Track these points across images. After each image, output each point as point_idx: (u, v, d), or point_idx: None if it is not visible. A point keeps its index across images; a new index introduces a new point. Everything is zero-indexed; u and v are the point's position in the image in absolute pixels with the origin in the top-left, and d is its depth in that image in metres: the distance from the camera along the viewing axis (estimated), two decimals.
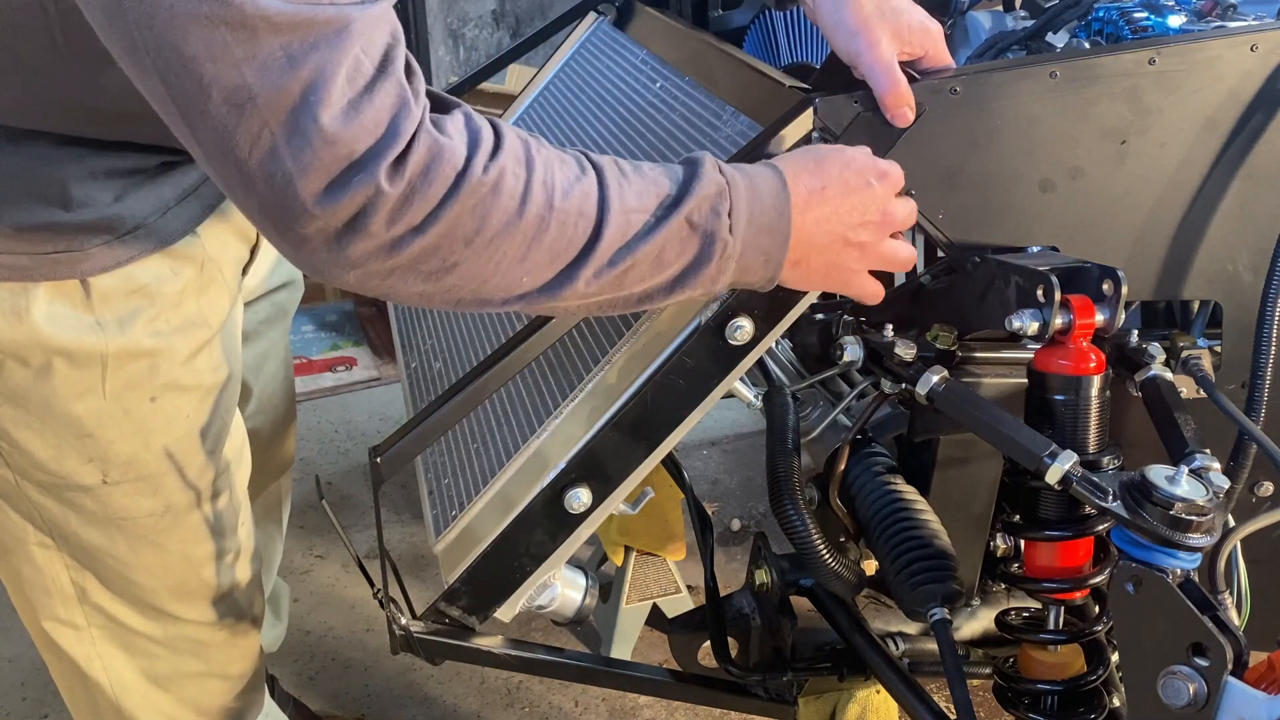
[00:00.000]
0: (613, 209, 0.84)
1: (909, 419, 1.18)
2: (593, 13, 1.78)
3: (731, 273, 0.91)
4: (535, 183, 0.80)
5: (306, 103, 0.69)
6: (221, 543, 1.21)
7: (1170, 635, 0.86)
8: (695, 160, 0.90)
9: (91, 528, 1.12)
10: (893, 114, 1.03)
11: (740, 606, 1.34)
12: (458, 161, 0.75)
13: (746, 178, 0.91)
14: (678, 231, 0.86)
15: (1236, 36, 1.10)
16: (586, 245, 0.83)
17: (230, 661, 1.30)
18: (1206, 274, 1.15)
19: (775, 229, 0.91)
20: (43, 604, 1.19)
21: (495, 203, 0.77)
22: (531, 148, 0.82)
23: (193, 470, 1.14)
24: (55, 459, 1.07)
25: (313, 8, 0.69)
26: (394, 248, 0.75)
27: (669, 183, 0.88)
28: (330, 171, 0.71)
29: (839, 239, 0.96)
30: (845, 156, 0.97)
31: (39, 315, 0.99)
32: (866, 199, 0.96)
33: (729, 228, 0.88)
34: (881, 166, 0.99)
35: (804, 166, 0.95)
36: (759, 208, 0.90)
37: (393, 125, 0.72)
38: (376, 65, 0.72)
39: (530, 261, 0.81)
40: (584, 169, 0.85)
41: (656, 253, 0.86)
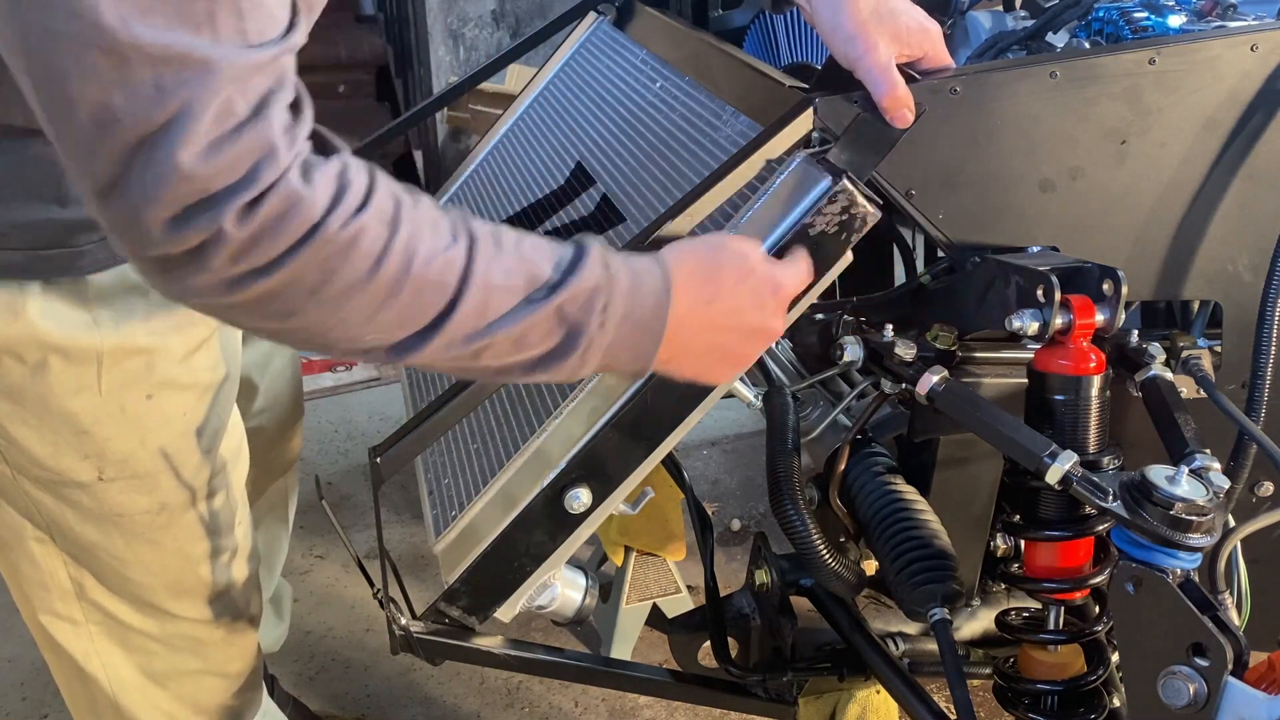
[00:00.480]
0: (474, 285, 0.80)
1: (909, 419, 1.18)
2: (593, 13, 1.78)
3: (596, 363, 0.88)
4: (396, 245, 0.77)
5: (168, 135, 0.69)
6: (218, 541, 1.21)
7: (1170, 635, 0.86)
8: (583, 249, 0.87)
9: (88, 524, 1.12)
10: (891, 116, 1.03)
11: (740, 606, 1.34)
12: (314, 214, 0.74)
13: (631, 274, 0.88)
14: (545, 319, 0.84)
15: (1236, 36, 1.10)
16: (439, 317, 0.80)
17: (228, 660, 1.30)
18: (1206, 274, 1.15)
19: (649, 329, 0.89)
20: (41, 599, 1.19)
21: (346, 260, 0.76)
22: (403, 209, 0.79)
23: (189, 468, 1.14)
24: (51, 455, 1.07)
25: (190, 43, 0.69)
26: (233, 286, 0.74)
27: (548, 267, 0.84)
28: (179, 204, 0.71)
29: (715, 348, 0.94)
30: (744, 268, 0.94)
31: (35, 312, 0.99)
32: (753, 318, 0.94)
33: (599, 324, 0.86)
34: (779, 279, 0.96)
35: (696, 272, 0.92)
36: (637, 307, 0.88)
37: (252, 170, 0.71)
38: (250, 110, 0.71)
39: (377, 322, 0.79)
40: (455, 238, 0.81)
41: (518, 335, 0.83)
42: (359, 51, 4.04)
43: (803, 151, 1.06)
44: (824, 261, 1.02)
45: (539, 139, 1.64)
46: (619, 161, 1.37)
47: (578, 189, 1.42)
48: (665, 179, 1.25)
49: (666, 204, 1.17)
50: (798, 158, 1.05)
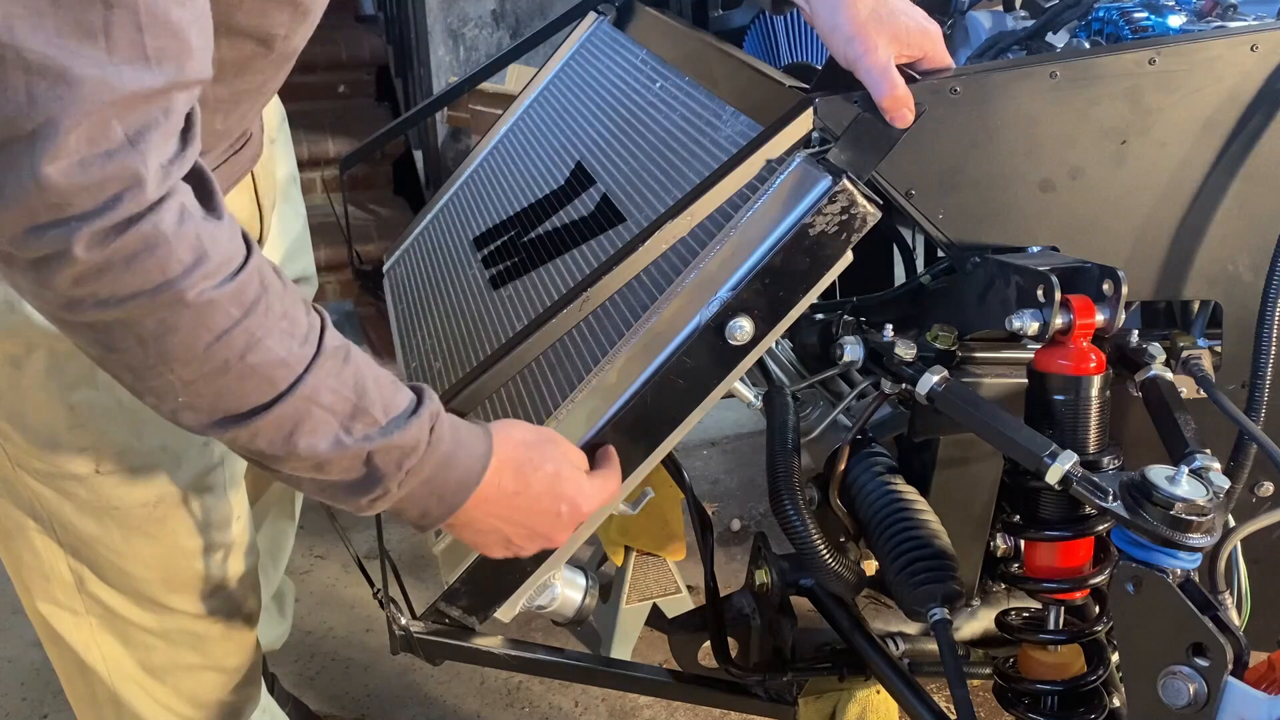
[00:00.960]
0: (299, 394, 0.79)
1: (909, 419, 1.18)
2: (593, 13, 1.78)
3: (381, 507, 0.89)
4: (241, 330, 0.76)
5: (33, 145, 0.66)
6: (215, 536, 1.21)
7: (1170, 635, 0.86)
8: (420, 405, 0.87)
9: (86, 517, 1.13)
10: (891, 116, 1.03)
11: (740, 606, 1.34)
12: (170, 269, 0.72)
13: (452, 445, 0.88)
14: (353, 458, 0.83)
15: (1236, 36, 1.10)
16: (252, 412, 0.79)
17: (227, 655, 1.30)
18: (1207, 274, 1.15)
19: (446, 500, 0.90)
20: (42, 589, 1.19)
21: (186, 327, 0.74)
22: (266, 298, 0.77)
23: (185, 462, 1.15)
24: (49, 448, 1.08)
25: (70, 59, 0.66)
26: (69, 306, 0.73)
27: (379, 410, 0.84)
28: (33, 216, 0.68)
29: (498, 534, 0.96)
30: (555, 478, 0.96)
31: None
32: (541, 522, 0.96)
33: (399, 481, 0.86)
34: (580, 502, 0.98)
35: (515, 464, 0.93)
36: (443, 478, 0.89)
37: (115, 198, 0.69)
38: (128, 137, 0.69)
39: (194, 391, 0.77)
40: (305, 343, 0.80)
41: (322, 461, 0.82)
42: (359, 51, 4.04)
43: (803, 151, 1.06)
44: (824, 261, 1.02)
45: (539, 139, 1.64)
46: (619, 161, 1.37)
47: (578, 189, 1.42)
48: (665, 179, 1.25)
49: (666, 204, 1.17)
50: (798, 158, 1.05)
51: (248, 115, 1.08)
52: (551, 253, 1.34)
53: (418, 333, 1.50)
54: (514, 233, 1.46)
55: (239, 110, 1.03)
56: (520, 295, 1.31)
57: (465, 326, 1.39)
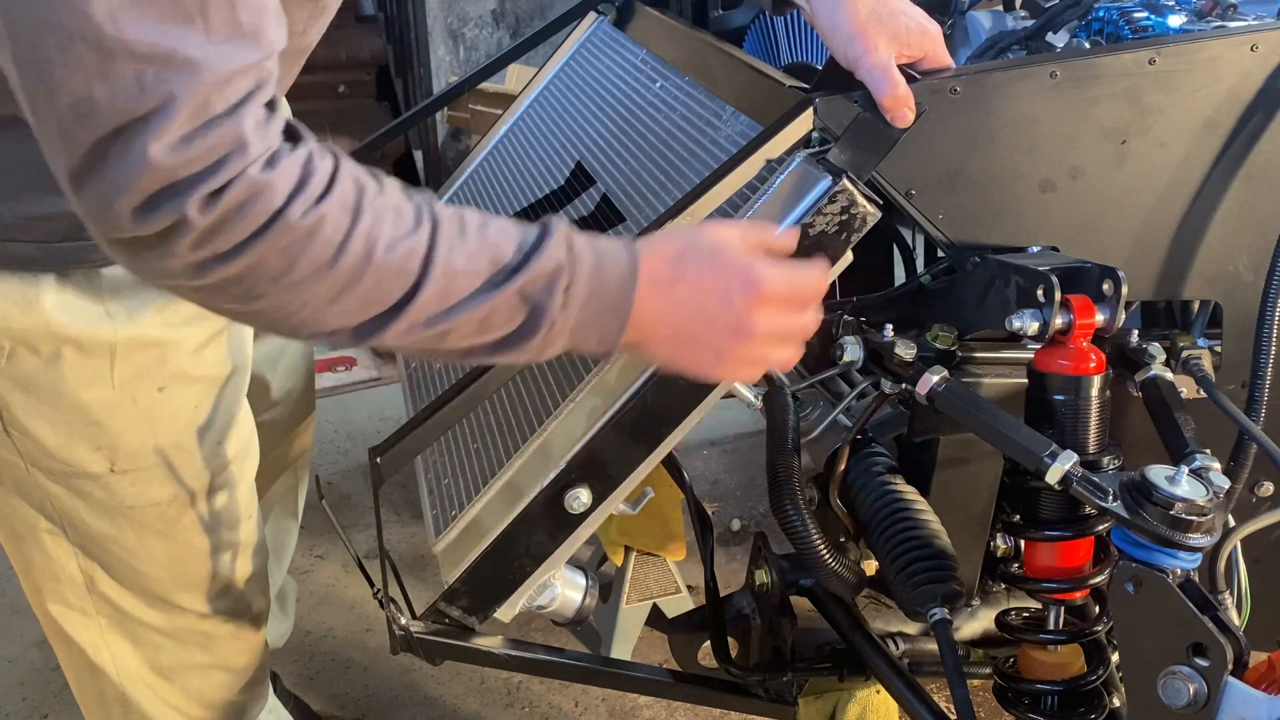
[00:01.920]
0: (436, 270, 0.81)
1: (909, 419, 1.18)
2: (593, 13, 1.78)
3: (562, 344, 0.89)
4: (357, 233, 0.79)
5: (145, 128, 0.71)
6: (227, 535, 1.21)
7: (1170, 635, 0.86)
8: (546, 230, 0.87)
9: (99, 516, 1.13)
10: (892, 116, 1.03)
11: (740, 606, 1.34)
12: (275, 203, 0.75)
13: (595, 256, 0.88)
14: (507, 301, 0.84)
15: (1236, 36, 1.10)
16: (402, 301, 0.81)
17: (235, 654, 1.30)
18: (1206, 274, 1.15)
19: (614, 312, 0.88)
20: (52, 589, 1.20)
21: (307, 247, 0.77)
22: (365, 196, 0.80)
23: (198, 461, 1.15)
24: (64, 447, 1.08)
25: (175, 43, 0.70)
26: (197, 271, 0.76)
27: (511, 249, 0.85)
28: (146, 192, 0.72)
29: (683, 337, 0.92)
30: (716, 257, 0.91)
31: (49, 304, 1.00)
32: (716, 307, 0.90)
33: (561, 304, 0.86)
34: (755, 274, 0.90)
35: (665, 255, 0.90)
36: (600, 289, 0.87)
37: (219, 162, 0.73)
38: (226, 108, 0.73)
39: (340, 307, 0.80)
40: (418, 224, 0.82)
41: (482, 317, 0.84)
42: (359, 51, 4.04)
43: (803, 151, 1.06)
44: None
45: (539, 139, 1.64)
46: (619, 161, 1.37)
47: (578, 189, 1.42)
48: (665, 179, 1.25)
49: (666, 204, 1.17)
50: (798, 158, 1.05)
51: None
52: None
53: None
54: None
55: None
56: None
57: None
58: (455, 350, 0.86)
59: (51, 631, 1.25)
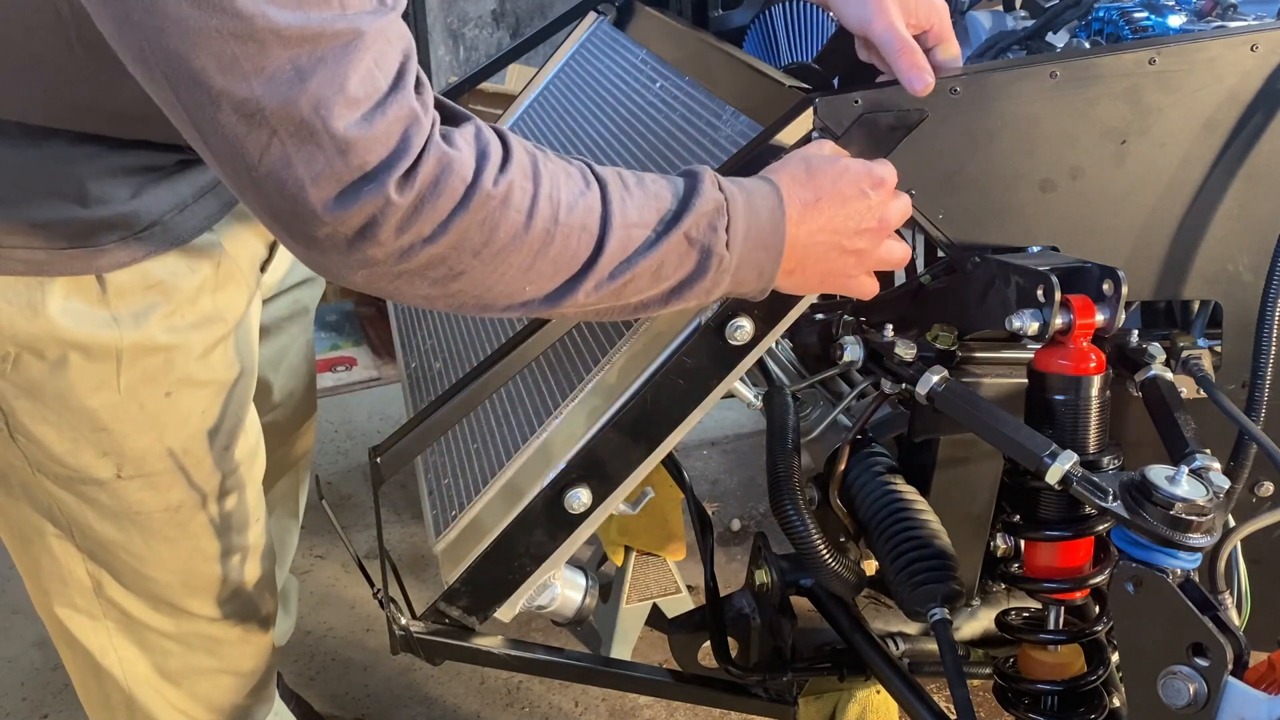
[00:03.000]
0: (614, 224, 0.84)
1: (909, 419, 1.18)
2: (593, 13, 1.78)
3: (726, 285, 0.92)
4: (542, 196, 0.81)
5: (317, 114, 0.70)
6: (235, 539, 1.21)
7: (1170, 635, 0.86)
8: (695, 174, 0.90)
9: (107, 522, 1.13)
10: (910, 77, 1.02)
11: (740, 606, 1.34)
12: (466, 175, 0.76)
13: (744, 193, 0.91)
14: (676, 247, 0.87)
15: (1236, 36, 1.10)
16: (590, 259, 0.84)
17: (242, 658, 1.30)
18: (1206, 274, 1.15)
19: (770, 244, 0.92)
20: (59, 593, 1.19)
21: (504, 216, 0.79)
22: (539, 161, 0.82)
23: (206, 465, 1.15)
24: (71, 452, 1.08)
25: (323, 19, 0.70)
26: (403, 256, 0.77)
27: (670, 197, 0.88)
28: (342, 181, 0.72)
29: (834, 248, 0.97)
30: (839, 166, 0.97)
31: (55, 310, 1.00)
32: (861, 208, 0.96)
33: (725, 243, 0.89)
34: (877, 173, 0.98)
35: (797, 178, 0.95)
36: (755, 223, 0.91)
37: (404, 138, 0.73)
38: (390, 79, 0.73)
39: (534, 272, 0.82)
40: (589, 183, 0.85)
41: (655, 266, 0.87)
42: None
43: None
44: None
45: (539, 139, 1.64)
46: (619, 161, 1.37)
47: None
48: None
49: None
50: None
51: None
52: None
53: (418, 333, 1.50)
54: None
55: None
56: None
57: (465, 326, 1.39)
58: (632, 305, 0.89)
59: (57, 634, 1.24)
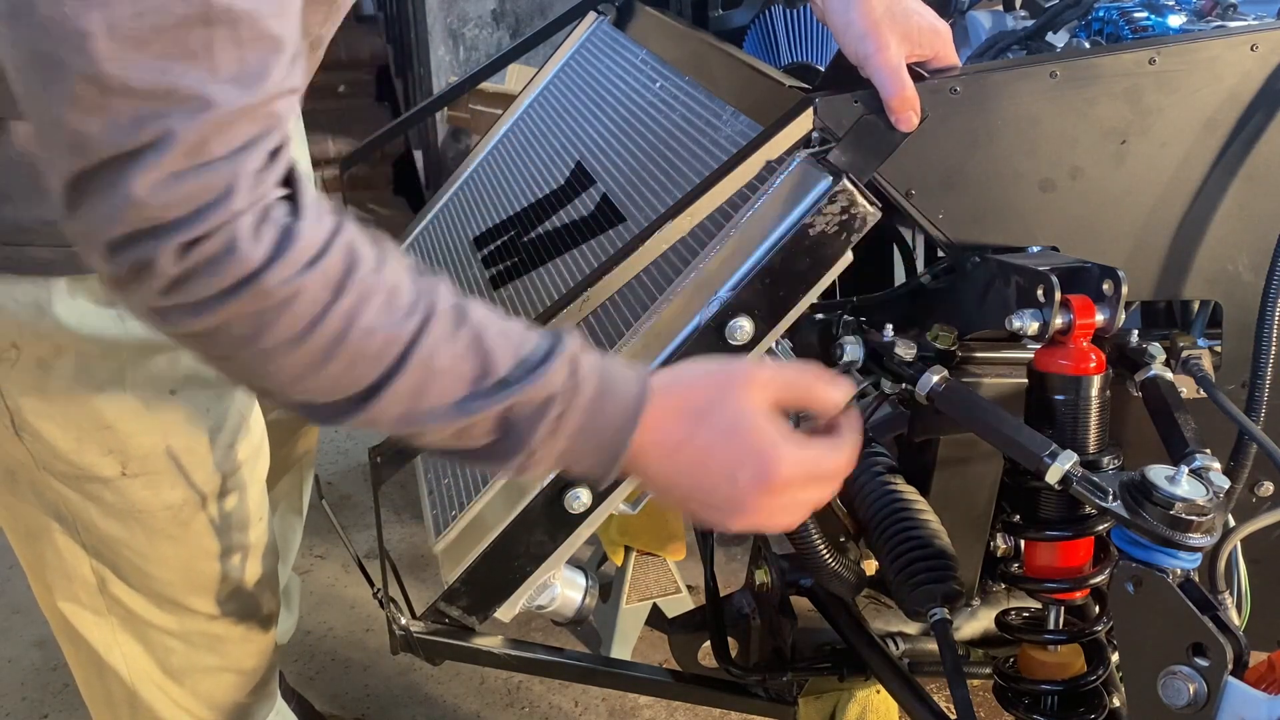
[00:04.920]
0: (412, 365, 0.76)
1: (909, 419, 1.18)
2: (593, 13, 1.78)
3: (546, 467, 0.83)
4: (336, 312, 0.74)
5: (135, 163, 0.68)
6: (238, 538, 1.21)
7: (1170, 635, 0.86)
8: (554, 349, 0.80)
9: (111, 520, 1.13)
10: (898, 117, 1.03)
11: (740, 606, 1.34)
12: (250, 266, 0.71)
13: (599, 385, 0.81)
14: (486, 419, 0.79)
15: (1236, 36, 1.10)
16: (369, 390, 0.76)
17: (245, 657, 1.30)
18: (1206, 274, 1.15)
19: (607, 447, 0.82)
20: (63, 588, 1.19)
21: (278, 318, 0.73)
22: (356, 272, 0.75)
23: (211, 464, 1.15)
24: (76, 450, 1.08)
25: (177, 80, 0.67)
26: (166, 318, 0.73)
27: (508, 363, 0.79)
28: (126, 228, 0.69)
29: (679, 495, 0.85)
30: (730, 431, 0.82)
31: (60, 308, 1.00)
32: (717, 487, 0.83)
33: (549, 432, 0.79)
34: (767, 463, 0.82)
35: (678, 409, 0.83)
36: (596, 424, 0.81)
37: (202, 209, 0.69)
38: (226, 152, 0.69)
39: (309, 383, 0.76)
40: (411, 312, 0.77)
41: (459, 428, 0.79)
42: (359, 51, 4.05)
43: (803, 151, 1.06)
44: (824, 261, 1.02)
45: (539, 139, 1.64)
46: (619, 161, 1.37)
47: (578, 189, 1.42)
48: (665, 179, 1.25)
49: (666, 204, 1.17)
50: (798, 158, 1.05)
51: None
52: (551, 253, 1.34)
53: None
54: (514, 232, 1.46)
55: None
56: (520, 295, 1.31)
57: None
58: (431, 444, 0.82)
59: (61, 630, 1.25)
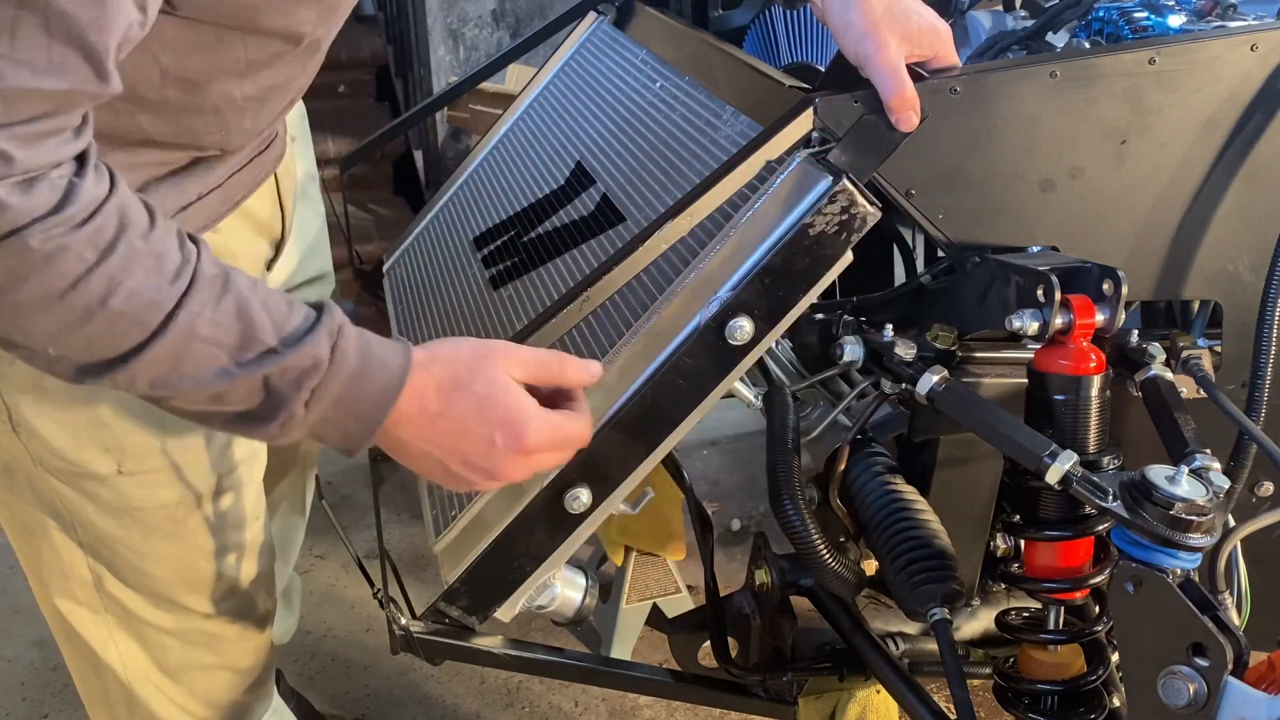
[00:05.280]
0: (173, 330, 0.78)
1: (909, 419, 1.18)
2: (593, 13, 1.78)
3: (298, 435, 0.86)
4: (99, 273, 0.75)
5: None
6: (234, 536, 1.22)
7: (1170, 635, 0.86)
8: (317, 320, 0.84)
9: (107, 517, 1.13)
10: (897, 117, 1.03)
11: (740, 606, 1.33)
12: (16, 221, 0.72)
13: (360, 360, 0.85)
14: (248, 385, 0.81)
15: (1236, 36, 1.10)
16: (128, 354, 0.78)
17: (241, 655, 1.31)
18: (1206, 274, 1.15)
19: (364, 419, 0.86)
20: (60, 585, 1.20)
21: (38, 274, 0.74)
22: (125, 237, 0.76)
23: (207, 463, 1.15)
24: (72, 448, 1.08)
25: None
26: None
27: (269, 333, 0.82)
28: None
29: (431, 460, 0.91)
30: (485, 399, 0.89)
31: None
32: (477, 449, 0.90)
33: (304, 402, 0.83)
34: (517, 428, 0.90)
35: (437, 382, 0.88)
36: (354, 395, 0.85)
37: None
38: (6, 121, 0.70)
39: (62, 341, 0.77)
40: (176, 279, 0.78)
41: (214, 393, 0.81)
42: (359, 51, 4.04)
43: (803, 151, 1.06)
44: (824, 261, 1.02)
45: (539, 139, 1.64)
46: (619, 161, 1.37)
47: (578, 189, 1.42)
48: (665, 179, 1.25)
49: (666, 204, 1.17)
50: (798, 157, 1.05)
51: (275, 112, 1.08)
52: (551, 253, 1.34)
53: (418, 333, 1.50)
54: (514, 232, 1.46)
55: (267, 108, 1.03)
56: (520, 295, 1.31)
57: (465, 326, 1.39)
58: (184, 412, 0.84)
59: (58, 627, 1.25)
